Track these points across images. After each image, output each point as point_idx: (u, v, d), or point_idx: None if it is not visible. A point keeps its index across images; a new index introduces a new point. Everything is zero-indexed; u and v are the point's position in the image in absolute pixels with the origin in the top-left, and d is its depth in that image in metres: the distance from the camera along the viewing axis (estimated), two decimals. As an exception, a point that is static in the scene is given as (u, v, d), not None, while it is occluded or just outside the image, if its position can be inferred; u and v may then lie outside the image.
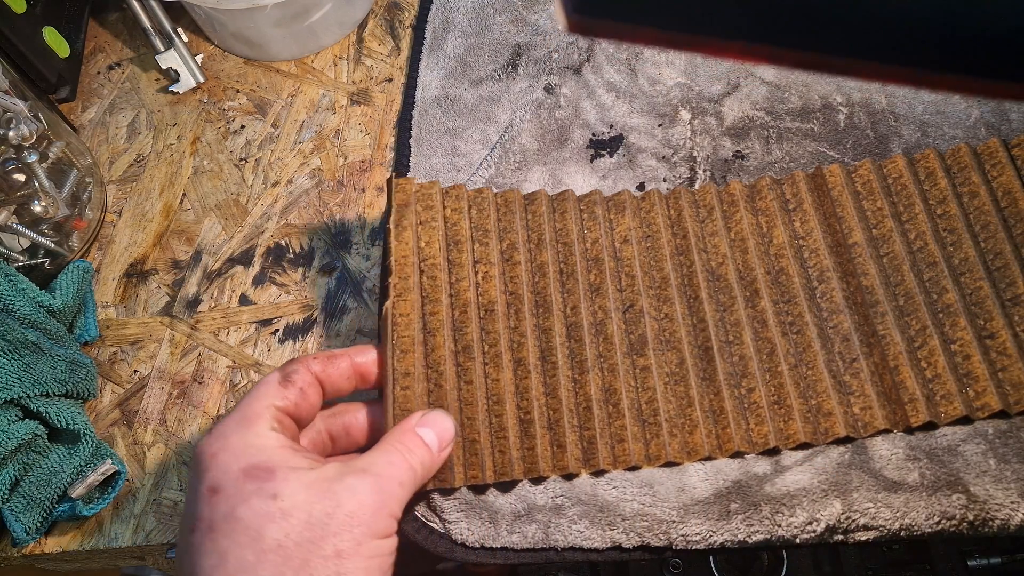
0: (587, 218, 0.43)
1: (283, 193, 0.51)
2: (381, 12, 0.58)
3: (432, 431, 0.34)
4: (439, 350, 0.37)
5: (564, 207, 0.43)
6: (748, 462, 0.38)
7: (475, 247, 0.40)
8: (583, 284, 0.41)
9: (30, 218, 0.46)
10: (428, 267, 0.39)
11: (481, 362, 0.38)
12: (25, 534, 0.39)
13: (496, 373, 0.38)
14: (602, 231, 0.42)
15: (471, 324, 0.38)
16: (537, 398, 0.38)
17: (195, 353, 0.46)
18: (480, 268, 0.40)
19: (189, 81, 0.56)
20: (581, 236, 0.42)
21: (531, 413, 0.37)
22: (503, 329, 0.39)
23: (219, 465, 0.30)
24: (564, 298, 0.41)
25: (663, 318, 0.41)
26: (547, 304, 0.40)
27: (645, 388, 0.39)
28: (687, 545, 0.36)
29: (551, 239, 0.42)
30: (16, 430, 0.39)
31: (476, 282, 0.40)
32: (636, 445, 0.37)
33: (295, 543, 0.28)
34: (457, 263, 0.40)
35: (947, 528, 0.35)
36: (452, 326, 0.38)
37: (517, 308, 0.39)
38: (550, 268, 0.41)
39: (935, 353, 0.38)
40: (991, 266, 0.40)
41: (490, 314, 0.39)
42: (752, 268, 0.41)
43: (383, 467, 0.31)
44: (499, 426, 0.37)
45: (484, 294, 0.39)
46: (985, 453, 0.37)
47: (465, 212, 0.41)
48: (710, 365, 0.39)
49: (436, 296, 0.38)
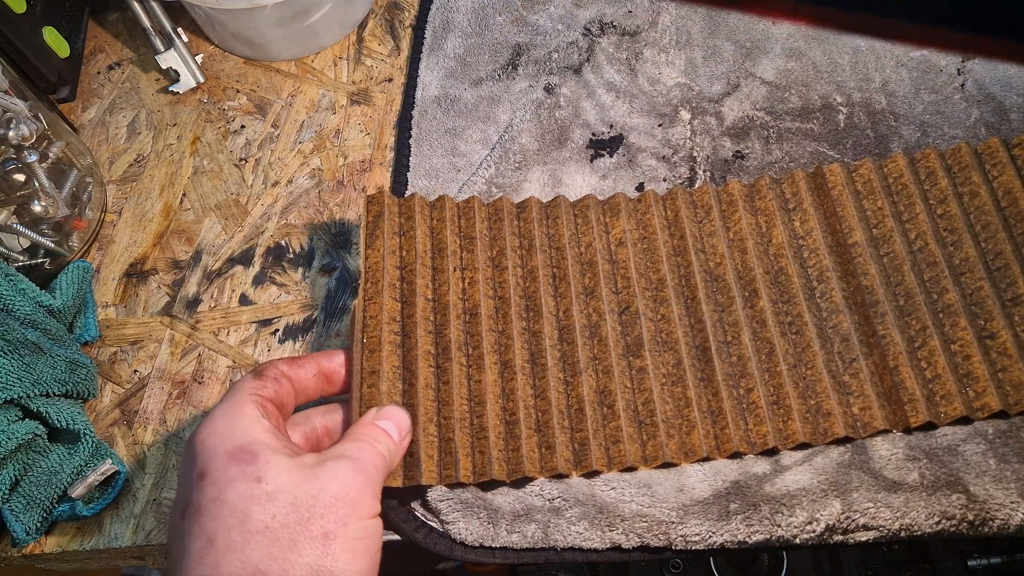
0: (581, 223, 0.43)
1: (283, 193, 0.51)
2: (381, 12, 0.58)
3: (391, 422, 0.35)
4: (414, 350, 0.38)
5: (556, 213, 0.43)
6: (747, 462, 0.38)
7: (462, 254, 0.41)
8: (576, 287, 0.41)
9: (30, 218, 0.46)
10: (406, 273, 0.41)
11: (462, 364, 0.39)
12: (25, 534, 0.39)
13: (479, 375, 0.38)
14: (596, 234, 0.42)
15: (451, 327, 0.39)
16: (524, 400, 0.38)
17: (195, 353, 0.46)
18: (466, 274, 0.41)
19: (189, 81, 0.56)
20: (575, 240, 0.42)
21: (516, 415, 0.38)
22: (487, 332, 0.39)
23: (207, 450, 0.31)
24: (556, 302, 0.41)
25: (660, 319, 0.41)
26: (537, 308, 0.40)
27: (642, 389, 0.39)
28: (686, 545, 0.36)
29: (542, 244, 0.42)
30: (16, 430, 0.39)
31: (462, 287, 0.41)
32: (632, 446, 0.37)
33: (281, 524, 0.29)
34: (440, 269, 0.41)
35: (947, 528, 0.35)
36: (431, 328, 0.39)
37: (504, 312, 0.40)
38: (540, 272, 0.41)
39: (935, 353, 0.38)
40: (991, 266, 0.40)
41: (474, 318, 0.40)
42: (751, 268, 0.41)
43: (356, 452, 0.32)
44: (480, 427, 0.37)
45: (469, 299, 0.40)
46: (985, 453, 0.37)
47: (449, 222, 0.42)
48: (708, 366, 0.39)
49: (412, 300, 0.40)
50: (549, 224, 0.43)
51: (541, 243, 0.42)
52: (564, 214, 0.43)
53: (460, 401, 0.38)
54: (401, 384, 0.38)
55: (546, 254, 0.42)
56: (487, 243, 0.42)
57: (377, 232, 0.41)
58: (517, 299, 0.40)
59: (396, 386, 0.37)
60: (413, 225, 0.42)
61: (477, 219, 0.42)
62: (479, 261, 0.41)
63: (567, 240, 0.42)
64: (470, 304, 0.40)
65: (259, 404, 0.33)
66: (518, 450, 0.37)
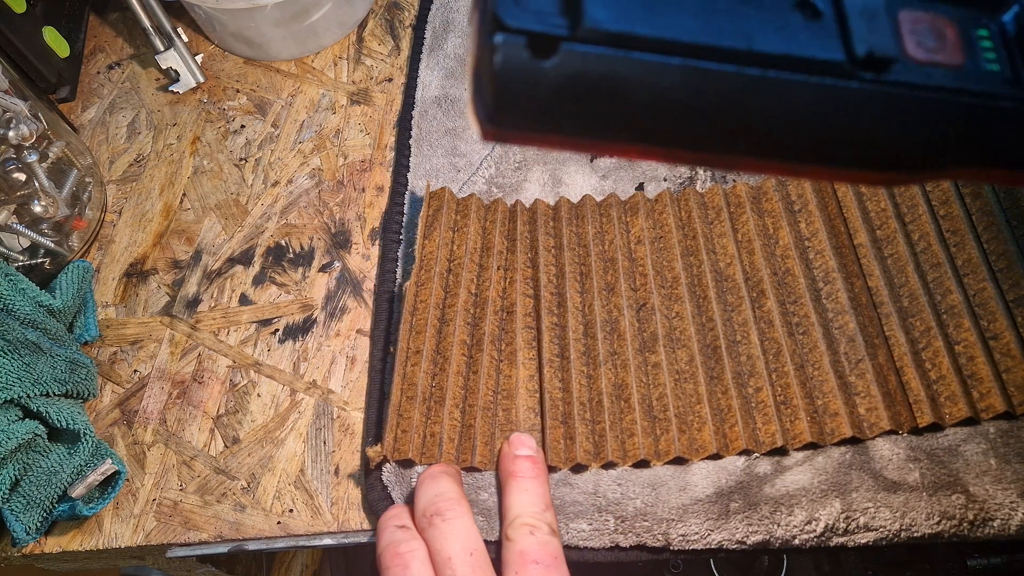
0: (604, 221, 0.44)
1: (283, 193, 0.51)
2: (381, 12, 0.58)
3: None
4: (449, 338, 0.41)
5: (583, 212, 0.45)
6: (751, 462, 0.38)
7: (506, 255, 0.44)
8: (598, 284, 0.42)
9: (30, 218, 0.46)
10: (454, 266, 0.43)
11: (493, 357, 0.41)
12: (25, 534, 0.39)
13: (509, 370, 0.40)
14: (617, 232, 0.44)
15: (487, 320, 0.41)
16: (551, 392, 0.39)
17: (195, 353, 0.46)
18: (508, 274, 0.43)
19: (189, 81, 0.56)
20: (599, 238, 0.44)
21: (544, 406, 0.39)
22: (522, 329, 0.41)
23: None
24: (582, 297, 0.42)
25: (674, 316, 0.41)
26: (564, 303, 0.42)
27: (656, 384, 0.39)
28: (685, 545, 0.36)
29: (570, 242, 0.44)
30: (16, 430, 0.39)
31: (503, 286, 0.43)
32: (646, 440, 0.38)
33: None
34: (485, 266, 0.44)
35: (947, 529, 0.35)
36: (469, 320, 0.42)
37: (537, 309, 0.42)
38: (567, 269, 0.43)
39: (939, 354, 0.38)
40: (995, 267, 0.40)
41: (510, 315, 0.42)
42: (758, 269, 0.42)
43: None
44: (506, 419, 0.39)
45: (507, 297, 0.43)
46: (986, 453, 0.37)
47: (499, 224, 0.45)
48: (718, 364, 0.39)
49: (456, 291, 0.42)
50: (577, 223, 0.45)
51: (569, 241, 0.44)
52: (590, 212, 0.45)
53: (486, 392, 0.40)
54: (434, 367, 0.40)
55: (573, 252, 0.43)
56: (527, 244, 0.44)
57: (435, 225, 0.44)
58: (548, 295, 0.42)
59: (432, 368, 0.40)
60: (467, 223, 0.44)
61: (519, 221, 0.45)
62: (519, 262, 0.43)
63: (591, 237, 0.44)
64: (508, 302, 0.42)
65: None
66: (543, 441, 0.38)
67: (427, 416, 0.39)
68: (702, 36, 0.19)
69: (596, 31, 0.18)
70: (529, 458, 0.37)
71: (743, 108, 0.19)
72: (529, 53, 0.18)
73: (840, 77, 0.19)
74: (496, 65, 0.18)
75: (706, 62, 0.19)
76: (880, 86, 0.19)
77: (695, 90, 0.19)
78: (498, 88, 0.18)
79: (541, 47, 0.18)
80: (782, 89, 0.19)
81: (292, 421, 0.43)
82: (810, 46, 0.19)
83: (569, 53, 0.18)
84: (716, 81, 0.19)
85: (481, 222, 0.45)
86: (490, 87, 0.18)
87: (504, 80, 0.18)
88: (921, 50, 0.19)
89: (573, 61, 0.18)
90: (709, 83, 0.19)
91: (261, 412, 0.44)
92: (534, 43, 0.18)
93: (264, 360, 0.46)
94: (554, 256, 0.43)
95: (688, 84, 0.19)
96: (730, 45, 0.19)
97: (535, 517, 0.35)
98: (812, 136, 0.19)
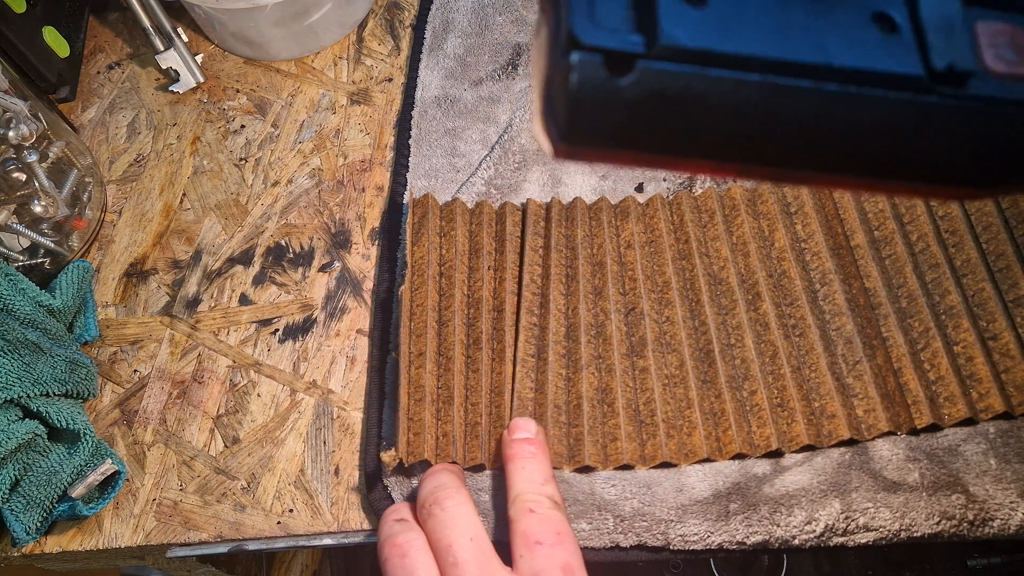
0: (594, 224, 0.44)
1: (283, 193, 0.51)
2: (381, 12, 0.58)
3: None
4: (450, 338, 0.41)
5: (573, 214, 0.45)
6: (748, 463, 0.38)
7: (495, 255, 0.44)
8: (585, 287, 0.42)
9: (30, 218, 0.46)
10: (446, 269, 0.44)
11: (488, 355, 0.41)
12: (25, 534, 0.39)
13: (499, 367, 0.40)
14: (607, 236, 0.43)
15: (482, 320, 0.41)
16: (520, 392, 0.39)
17: (195, 353, 0.46)
18: (497, 274, 0.43)
19: (189, 81, 0.56)
20: (588, 241, 0.44)
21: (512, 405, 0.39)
22: (508, 327, 0.41)
23: None
24: (566, 300, 0.42)
25: (664, 321, 0.41)
26: (547, 305, 0.41)
27: (643, 389, 0.39)
28: (684, 545, 0.36)
29: (558, 244, 0.43)
30: (16, 430, 0.39)
31: (493, 286, 0.43)
32: (630, 445, 0.38)
33: None
34: (475, 268, 0.44)
35: (946, 528, 0.35)
36: (466, 320, 0.42)
37: (522, 308, 0.42)
38: (553, 271, 0.42)
39: (938, 355, 0.38)
40: (994, 267, 0.40)
41: (500, 314, 0.42)
42: (754, 271, 0.41)
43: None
44: (497, 416, 0.39)
45: (497, 296, 0.43)
46: (986, 452, 0.37)
47: (486, 226, 0.45)
48: (711, 368, 0.39)
49: (451, 292, 0.43)
50: (566, 225, 0.44)
51: (557, 243, 0.43)
52: (580, 215, 0.44)
53: (485, 390, 0.40)
54: (438, 368, 0.41)
55: (560, 254, 0.43)
56: (515, 244, 0.44)
57: (422, 231, 0.44)
58: (530, 295, 0.42)
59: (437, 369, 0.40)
60: (454, 227, 0.45)
61: (509, 222, 0.45)
62: (508, 262, 0.43)
63: (580, 240, 0.43)
64: (498, 301, 0.43)
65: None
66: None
67: (437, 416, 0.39)
68: (780, 51, 0.18)
69: (673, 48, 0.18)
70: (527, 440, 0.37)
71: (821, 123, 0.19)
72: (605, 71, 0.18)
73: (919, 92, 0.19)
74: (572, 83, 0.18)
75: (784, 78, 0.18)
76: (959, 101, 0.19)
77: (773, 106, 0.18)
78: (573, 106, 0.18)
79: (618, 65, 0.18)
80: (860, 104, 0.19)
81: (292, 421, 0.43)
82: (888, 61, 0.19)
83: (646, 71, 0.18)
84: (794, 97, 0.18)
85: (467, 225, 0.45)
86: (564, 105, 0.18)
87: (580, 98, 0.18)
88: (1000, 63, 0.19)
89: (650, 78, 0.18)
90: (787, 99, 0.18)
91: (261, 412, 0.44)
92: (610, 61, 0.18)
93: (264, 360, 0.46)
94: (540, 257, 0.43)
95: (766, 100, 0.18)
96: (808, 60, 0.18)
97: (534, 492, 0.34)
98: (890, 152, 0.19)
